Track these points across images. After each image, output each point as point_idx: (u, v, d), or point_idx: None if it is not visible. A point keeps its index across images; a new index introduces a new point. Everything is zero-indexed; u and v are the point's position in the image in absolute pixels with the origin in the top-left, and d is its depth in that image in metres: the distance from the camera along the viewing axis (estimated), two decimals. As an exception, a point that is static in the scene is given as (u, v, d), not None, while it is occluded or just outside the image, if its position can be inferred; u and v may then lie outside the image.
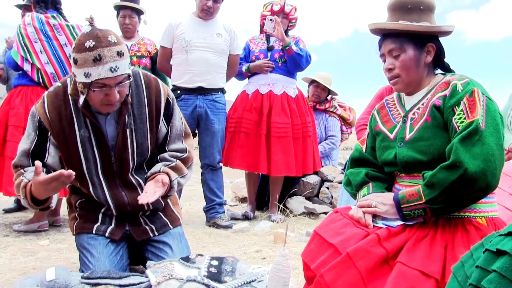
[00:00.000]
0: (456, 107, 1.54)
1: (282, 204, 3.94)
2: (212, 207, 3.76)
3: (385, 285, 1.40)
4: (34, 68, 3.36)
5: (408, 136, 1.67)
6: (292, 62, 3.87)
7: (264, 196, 4.31)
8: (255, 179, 4.17)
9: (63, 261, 2.63)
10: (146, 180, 2.12)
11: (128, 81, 1.93)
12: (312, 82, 4.70)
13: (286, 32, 3.97)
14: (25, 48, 3.32)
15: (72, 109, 2.02)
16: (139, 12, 4.02)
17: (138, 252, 2.23)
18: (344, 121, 4.88)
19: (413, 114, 1.69)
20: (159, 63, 3.81)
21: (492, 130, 1.47)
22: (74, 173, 1.80)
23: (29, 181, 1.90)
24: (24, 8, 3.87)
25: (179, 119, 2.23)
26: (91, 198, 2.15)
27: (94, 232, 2.12)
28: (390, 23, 1.72)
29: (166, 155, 2.18)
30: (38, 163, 1.79)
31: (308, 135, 3.95)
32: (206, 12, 3.63)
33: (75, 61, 1.81)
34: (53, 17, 3.45)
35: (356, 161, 1.94)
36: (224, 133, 3.82)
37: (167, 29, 3.72)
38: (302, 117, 3.93)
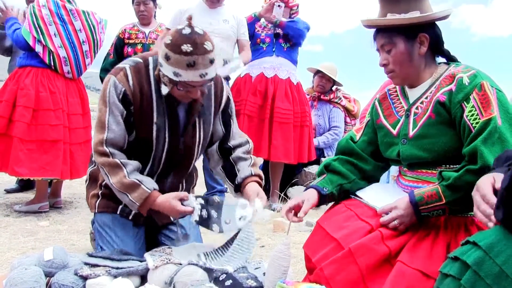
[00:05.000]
0: (465, 102, 1.48)
1: (283, 193, 3.94)
2: (213, 194, 3.74)
3: (384, 284, 1.38)
4: (46, 50, 3.33)
5: (411, 132, 1.62)
6: (290, 32, 3.87)
7: (265, 184, 4.30)
8: None
9: (62, 242, 2.64)
10: (240, 186, 2.14)
11: (211, 83, 2.00)
12: (317, 72, 4.66)
13: None
14: (38, 29, 3.29)
15: (153, 89, 2.00)
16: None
17: (151, 236, 2.22)
18: (348, 112, 4.85)
19: (417, 108, 1.64)
20: None
21: (508, 125, 1.43)
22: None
23: (150, 191, 1.94)
24: None
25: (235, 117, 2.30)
26: None
27: (118, 212, 2.10)
28: (375, 19, 1.68)
29: (239, 153, 2.19)
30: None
31: (306, 124, 3.96)
32: (212, 0, 3.62)
33: (167, 58, 1.82)
34: (69, 1, 3.44)
35: (340, 150, 1.89)
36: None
37: (175, 14, 3.72)
38: (302, 106, 3.95)
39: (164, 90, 1.92)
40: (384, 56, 1.68)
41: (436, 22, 1.68)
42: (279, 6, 3.77)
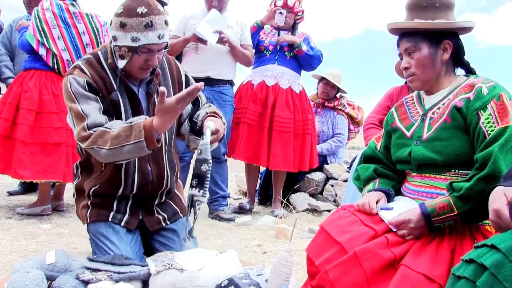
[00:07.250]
0: (482, 111, 1.51)
1: (285, 199, 3.93)
2: (215, 200, 3.75)
3: (388, 287, 1.38)
4: (50, 53, 3.34)
5: (425, 135, 1.64)
6: (302, 61, 3.93)
7: (268, 190, 4.30)
8: (255, 172, 4.16)
9: (64, 245, 2.63)
10: (199, 130, 2.10)
11: (166, 50, 2.01)
12: (322, 79, 4.67)
13: (294, 25, 3.98)
14: (42, 32, 3.30)
15: (111, 77, 2.00)
16: (162, 4, 4.01)
17: (145, 243, 2.20)
18: (352, 119, 4.85)
19: (433, 113, 1.67)
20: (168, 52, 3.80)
21: None
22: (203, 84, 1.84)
23: (143, 120, 1.84)
24: None
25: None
26: (108, 182, 2.07)
27: (110, 220, 2.07)
28: (403, 22, 1.73)
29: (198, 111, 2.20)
30: (162, 88, 1.76)
31: (307, 132, 3.95)
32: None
33: (123, 25, 1.86)
34: (72, 4, 3.46)
35: (367, 159, 1.92)
36: (230, 126, 3.80)
37: (180, 20, 3.78)
38: (303, 114, 3.94)
39: (121, 63, 1.94)
40: (406, 60, 1.72)
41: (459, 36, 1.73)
42: (280, 13, 3.77)
